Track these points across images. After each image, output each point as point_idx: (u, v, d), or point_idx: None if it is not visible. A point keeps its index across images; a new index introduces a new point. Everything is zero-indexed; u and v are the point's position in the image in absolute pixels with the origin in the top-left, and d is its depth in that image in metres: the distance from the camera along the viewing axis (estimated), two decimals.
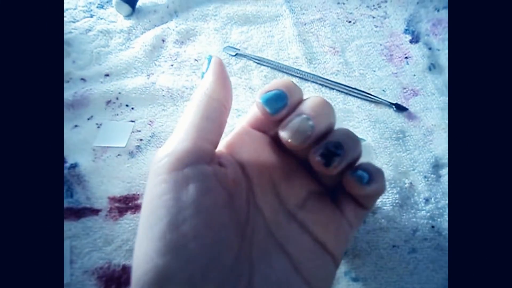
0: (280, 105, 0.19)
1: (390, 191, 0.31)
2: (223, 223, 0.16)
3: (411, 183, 0.31)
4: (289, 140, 0.18)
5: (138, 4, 0.46)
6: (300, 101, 0.19)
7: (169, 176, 0.15)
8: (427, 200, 0.30)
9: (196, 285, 0.14)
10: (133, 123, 0.35)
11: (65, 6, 0.46)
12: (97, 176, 0.31)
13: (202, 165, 0.17)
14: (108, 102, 0.37)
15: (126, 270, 0.26)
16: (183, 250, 0.14)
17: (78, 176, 0.31)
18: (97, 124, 0.35)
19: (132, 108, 0.37)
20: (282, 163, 0.21)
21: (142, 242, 0.15)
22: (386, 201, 0.30)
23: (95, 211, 0.29)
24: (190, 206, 0.15)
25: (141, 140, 0.34)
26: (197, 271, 0.14)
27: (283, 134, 0.18)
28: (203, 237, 0.15)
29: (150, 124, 0.35)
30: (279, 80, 0.19)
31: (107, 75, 0.39)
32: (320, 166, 0.19)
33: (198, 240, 0.15)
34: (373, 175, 0.19)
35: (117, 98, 0.37)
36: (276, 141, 0.22)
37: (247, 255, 0.17)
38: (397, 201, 0.30)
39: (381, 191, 0.21)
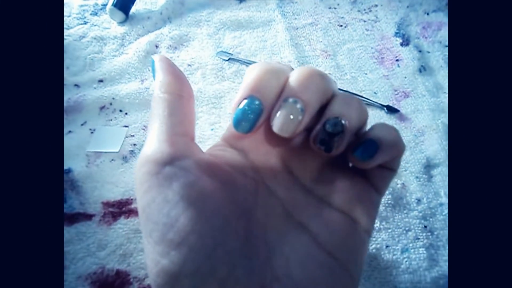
0: (254, 118, 0.17)
1: None
2: (218, 210, 0.16)
3: (403, 183, 0.32)
4: (280, 133, 0.17)
5: (132, 10, 0.47)
6: (286, 80, 0.17)
7: (152, 182, 0.16)
8: (419, 200, 0.31)
9: (206, 275, 0.14)
10: (126, 128, 0.35)
11: None
12: (90, 181, 0.31)
13: (181, 160, 0.16)
14: (102, 107, 0.37)
15: (119, 275, 0.26)
16: (184, 245, 0.15)
17: (71, 181, 0.31)
18: (90, 129, 0.35)
19: (126, 114, 0.37)
20: (290, 139, 0.20)
21: (147, 249, 0.15)
22: None
23: (88, 216, 0.29)
24: (179, 202, 0.15)
25: (134, 145, 0.34)
26: (203, 262, 0.15)
27: (273, 127, 0.17)
28: (200, 228, 0.15)
29: (144, 129, 0.35)
30: (252, 75, 0.17)
31: (100, 81, 0.40)
32: (322, 153, 0.17)
33: (196, 232, 0.15)
34: (381, 143, 0.17)
35: (110, 104, 0.37)
36: None
37: (261, 237, 0.17)
38: (389, 201, 0.30)
39: (397, 152, 0.18)
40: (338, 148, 0.17)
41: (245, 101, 0.17)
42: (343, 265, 0.17)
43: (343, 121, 0.17)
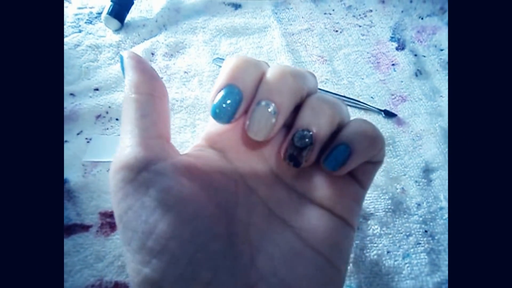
0: (233, 106, 0.16)
1: (382, 197, 0.31)
2: (198, 213, 0.15)
3: (402, 188, 0.32)
4: (254, 138, 0.17)
5: (127, 18, 0.47)
6: (263, 75, 0.17)
7: (128, 189, 0.15)
8: (419, 205, 0.30)
9: (189, 280, 0.14)
10: None
11: None
12: (87, 192, 0.31)
13: (156, 164, 0.16)
14: (98, 116, 0.37)
15: (118, 287, 0.26)
16: (164, 252, 0.14)
17: (68, 192, 0.31)
18: (86, 139, 0.35)
19: None
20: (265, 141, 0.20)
21: (127, 258, 0.15)
22: (378, 207, 0.30)
23: (85, 227, 0.29)
24: (157, 208, 0.15)
25: None
26: (185, 267, 0.14)
27: (247, 131, 0.17)
28: (180, 233, 0.15)
29: None
30: (230, 66, 0.17)
31: (96, 89, 0.39)
32: (291, 168, 0.18)
33: (176, 237, 0.14)
34: (353, 146, 0.17)
35: (107, 112, 0.37)
36: None
37: (243, 237, 0.17)
38: (389, 206, 0.30)
39: (375, 149, 0.17)
40: (307, 162, 0.17)
41: (224, 90, 0.16)
42: (328, 259, 0.17)
43: (311, 132, 0.17)
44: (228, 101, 0.16)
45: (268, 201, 0.18)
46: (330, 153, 0.17)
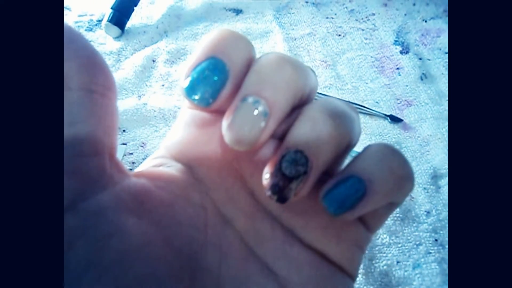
0: (218, 82, 0.12)
1: None
2: (148, 271, 0.11)
3: (411, 195, 0.31)
4: (235, 146, 0.12)
5: (127, 25, 0.46)
6: (249, 64, 0.13)
7: None
8: (428, 213, 0.30)
9: None
10: (125, 145, 0.34)
11: None
12: None
13: (88, 198, 0.11)
14: None
15: None
16: None
17: None
18: None
19: (124, 131, 0.36)
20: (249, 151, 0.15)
21: None
22: None
23: None
24: (88, 269, 0.10)
25: (133, 163, 0.33)
26: None
27: (225, 137, 0.12)
28: None
29: (142, 146, 0.34)
30: (211, 37, 0.12)
31: None
32: (274, 202, 0.12)
33: None
34: (372, 184, 0.12)
35: None
36: None
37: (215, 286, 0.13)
38: (398, 214, 0.29)
39: (402, 193, 0.13)
40: (296, 196, 0.12)
41: (204, 63, 0.12)
42: None
43: (307, 156, 0.12)
44: (210, 75, 0.12)
45: (247, 237, 0.14)
46: (334, 188, 0.12)
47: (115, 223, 0.11)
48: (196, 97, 0.12)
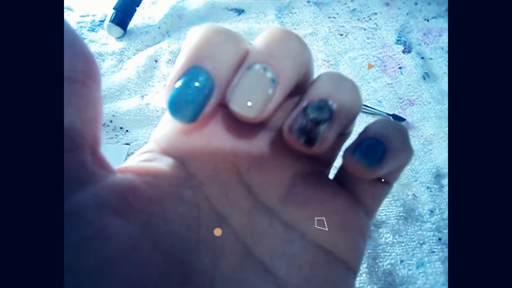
0: (201, 98, 0.11)
1: (393, 204, 0.30)
2: (139, 268, 0.11)
3: (414, 194, 0.31)
4: (244, 114, 0.11)
5: (130, 25, 0.46)
6: (246, 51, 0.12)
7: None
8: (431, 212, 0.30)
9: None
10: (128, 145, 0.35)
11: None
12: None
13: (66, 198, 0.10)
14: (102, 125, 0.36)
15: None
16: None
17: None
18: None
19: (127, 131, 0.36)
20: (248, 139, 0.14)
21: None
22: (390, 214, 0.30)
23: None
24: (66, 275, 0.10)
25: None
26: None
27: (231, 104, 0.11)
28: None
29: None
30: (195, 40, 0.12)
31: None
32: (301, 146, 0.12)
33: None
34: (390, 143, 0.12)
35: (111, 121, 0.37)
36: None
37: None
38: (401, 214, 0.30)
39: (407, 158, 0.13)
40: (324, 142, 0.12)
41: (185, 76, 0.11)
42: None
43: (331, 105, 0.12)
44: (192, 91, 0.11)
45: (243, 235, 0.13)
46: (360, 144, 0.12)
47: (96, 225, 0.10)
48: (180, 115, 0.11)
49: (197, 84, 0.11)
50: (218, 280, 0.12)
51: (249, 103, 0.11)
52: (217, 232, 0.13)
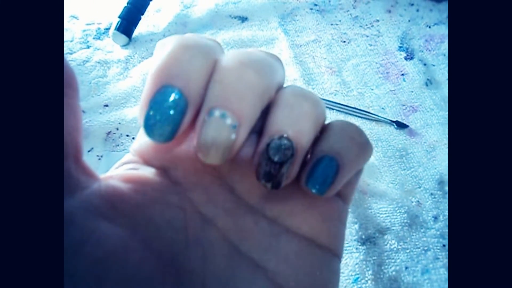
0: (175, 120, 0.11)
1: (398, 211, 0.30)
2: (129, 273, 0.11)
3: (418, 201, 0.31)
4: (209, 162, 0.12)
5: (135, 33, 0.47)
6: (215, 63, 0.12)
7: None
8: (435, 218, 0.30)
9: None
10: None
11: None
12: None
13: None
14: (108, 133, 0.37)
15: None
16: None
17: None
18: (98, 156, 0.35)
19: (133, 138, 0.36)
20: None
21: None
22: (394, 221, 0.30)
23: None
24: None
25: None
26: None
27: (199, 155, 0.12)
28: None
29: None
30: (164, 57, 0.12)
31: (106, 105, 0.39)
32: (268, 189, 0.13)
33: None
34: (342, 159, 0.13)
35: (117, 129, 0.37)
36: None
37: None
38: (405, 220, 0.30)
39: (365, 159, 0.14)
40: (289, 178, 0.13)
41: (158, 95, 0.11)
42: None
43: (291, 140, 0.12)
44: (166, 111, 0.11)
45: (230, 234, 0.13)
46: (313, 170, 0.13)
47: (86, 229, 0.10)
48: (155, 136, 0.11)
49: (170, 104, 0.11)
50: (209, 278, 0.12)
51: (213, 152, 0.12)
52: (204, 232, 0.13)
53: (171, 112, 0.11)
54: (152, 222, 0.12)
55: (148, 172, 0.14)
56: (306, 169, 0.13)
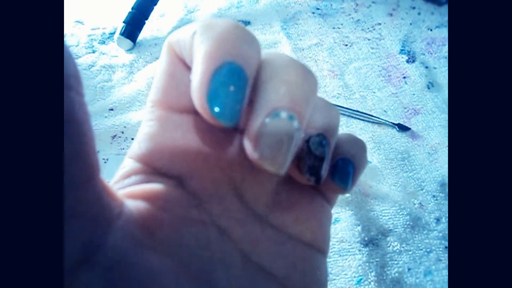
0: (241, 92, 0.10)
1: (400, 213, 0.31)
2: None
3: (420, 203, 0.31)
4: (275, 171, 0.11)
5: (139, 38, 0.48)
6: (260, 53, 0.12)
7: None
8: (438, 220, 0.30)
9: None
10: None
11: (68, 43, 0.47)
12: None
13: (94, 242, 0.10)
14: (114, 136, 0.37)
15: None
16: None
17: None
18: (103, 159, 0.35)
19: None
20: (242, 152, 0.13)
21: None
22: (397, 223, 0.30)
23: None
24: None
25: None
26: None
27: (257, 157, 0.11)
28: None
29: None
30: (221, 31, 0.11)
31: (111, 109, 0.40)
32: (311, 184, 0.13)
33: None
34: (357, 162, 0.14)
35: (122, 132, 0.37)
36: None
37: None
38: (408, 222, 0.30)
39: (365, 164, 0.15)
40: (324, 176, 0.13)
41: (220, 73, 0.10)
42: None
43: (328, 138, 0.13)
44: (234, 85, 0.10)
45: (242, 244, 0.13)
46: (337, 168, 0.14)
47: (133, 264, 0.10)
48: (224, 119, 0.10)
49: (235, 81, 0.10)
50: (227, 282, 0.12)
51: (279, 156, 0.11)
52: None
53: (238, 88, 0.10)
54: (182, 242, 0.12)
55: (163, 185, 0.12)
56: (330, 169, 0.14)
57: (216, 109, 0.10)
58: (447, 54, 0.44)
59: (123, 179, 0.12)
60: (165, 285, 0.10)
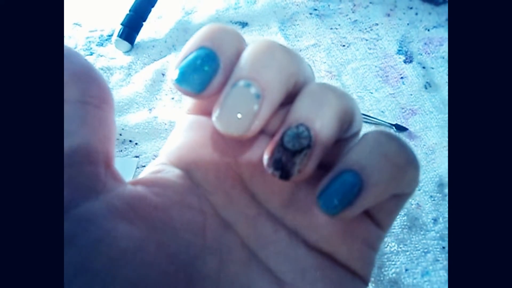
0: (209, 71, 0.11)
1: None
2: (143, 272, 0.11)
3: (417, 203, 0.31)
4: (226, 132, 0.11)
5: (137, 40, 0.48)
6: (239, 54, 0.12)
7: None
8: (435, 220, 0.30)
9: None
10: (137, 158, 0.35)
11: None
12: None
13: (79, 206, 0.11)
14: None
15: None
16: None
17: None
18: None
19: (136, 144, 0.37)
20: (249, 148, 0.14)
21: None
22: (394, 223, 0.30)
23: None
24: (77, 274, 0.10)
25: None
26: None
27: (216, 124, 0.11)
28: None
29: (154, 159, 0.35)
30: (201, 31, 0.12)
31: None
32: (277, 179, 0.12)
33: None
34: (367, 176, 0.11)
35: (120, 134, 0.38)
36: None
37: None
38: (405, 223, 0.30)
39: (403, 179, 0.12)
40: (301, 174, 0.11)
41: (195, 52, 0.12)
42: None
43: (310, 130, 0.11)
44: (200, 64, 0.12)
45: (249, 241, 0.13)
46: (328, 186, 0.12)
47: (104, 228, 0.11)
48: (186, 85, 0.12)
49: (204, 59, 0.12)
50: (224, 284, 0.12)
51: (234, 121, 0.11)
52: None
53: (205, 67, 0.12)
54: (169, 224, 0.12)
55: (171, 175, 0.14)
56: (322, 182, 0.12)
57: (181, 76, 0.12)
58: (444, 54, 0.44)
59: (151, 166, 0.14)
60: (139, 258, 0.11)
